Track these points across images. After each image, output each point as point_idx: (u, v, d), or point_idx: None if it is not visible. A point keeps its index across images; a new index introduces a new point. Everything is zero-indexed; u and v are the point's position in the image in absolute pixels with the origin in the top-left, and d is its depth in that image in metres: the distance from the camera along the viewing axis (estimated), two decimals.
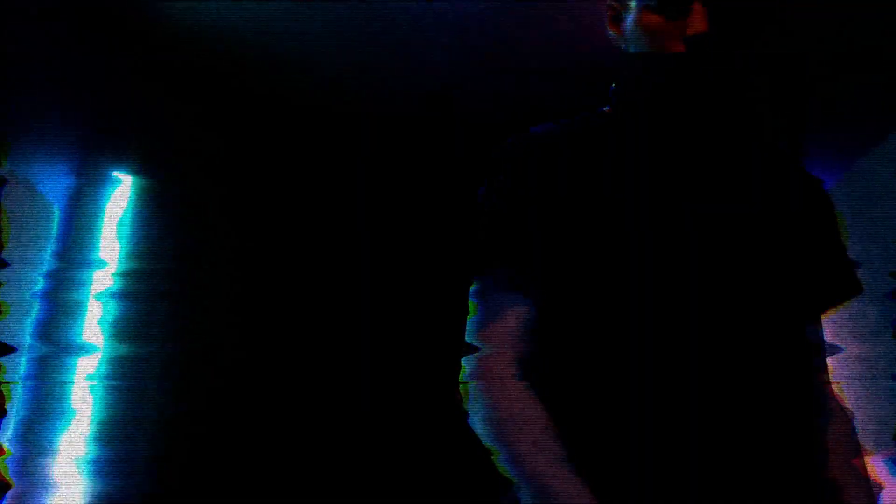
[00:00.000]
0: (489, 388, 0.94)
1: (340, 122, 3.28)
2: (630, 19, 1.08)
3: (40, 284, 2.32)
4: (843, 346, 2.73)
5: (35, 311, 2.30)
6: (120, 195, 2.69)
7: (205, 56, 2.89)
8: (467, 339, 1.00)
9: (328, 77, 3.02)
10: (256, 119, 3.26)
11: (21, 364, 2.23)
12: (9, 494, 2.10)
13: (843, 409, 1.07)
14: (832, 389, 1.09)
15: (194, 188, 3.08)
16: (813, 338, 1.07)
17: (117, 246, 2.64)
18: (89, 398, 2.45)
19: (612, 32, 1.14)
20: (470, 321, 1.01)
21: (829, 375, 1.10)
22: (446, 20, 2.63)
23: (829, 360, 1.11)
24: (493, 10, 2.58)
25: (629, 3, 1.10)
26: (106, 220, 2.64)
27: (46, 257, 2.35)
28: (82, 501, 2.35)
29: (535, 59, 2.84)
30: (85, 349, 2.46)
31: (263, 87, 3.10)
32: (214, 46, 2.84)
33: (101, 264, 2.58)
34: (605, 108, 1.13)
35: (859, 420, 2.73)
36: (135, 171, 2.72)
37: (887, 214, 2.59)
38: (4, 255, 2.06)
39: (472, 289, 1.03)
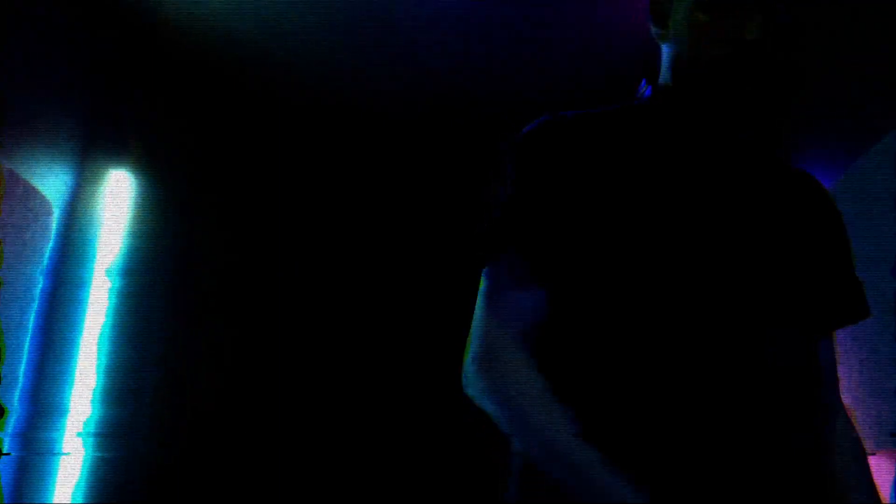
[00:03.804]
0: (498, 367, 0.93)
1: (341, 121, 3.28)
2: (678, 15, 1.03)
3: (40, 284, 2.32)
4: (842, 347, 2.72)
5: (35, 311, 2.30)
6: (119, 195, 2.69)
7: (205, 56, 2.89)
8: (476, 320, 0.98)
9: (330, 77, 3.02)
10: (257, 119, 3.26)
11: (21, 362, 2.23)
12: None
13: (851, 423, 1.08)
14: (844, 405, 1.10)
15: (194, 188, 3.08)
16: (825, 354, 1.07)
17: (117, 246, 2.64)
18: (89, 398, 2.45)
19: (655, 29, 1.09)
20: (479, 303, 0.99)
21: (840, 391, 1.11)
22: (447, 19, 2.63)
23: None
24: (494, 9, 2.58)
25: None
26: (106, 219, 2.64)
27: (46, 257, 2.36)
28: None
29: (538, 59, 2.84)
30: (84, 349, 2.47)
31: (264, 86, 3.10)
32: (215, 46, 2.84)
33: (101, 264, 2.58)
34: (635, 102, 1.10)
35: (859, 420, 2.73)
36: (134, 171, 2.72)
37: (887, 214, 2.59)
38: (4, 254, 2.06)
39: (483, 272, 1.00)
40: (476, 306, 0.99)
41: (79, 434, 2.36)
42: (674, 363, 0.89)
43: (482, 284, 1.00)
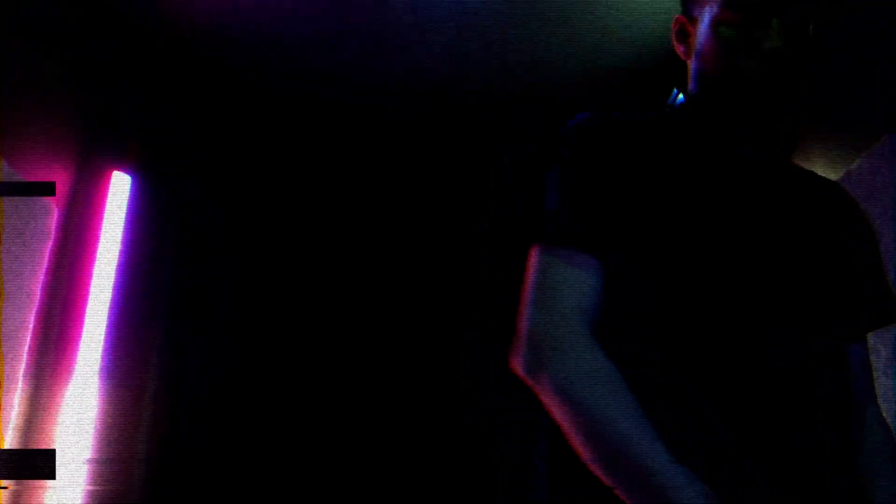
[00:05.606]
0: (562, 351, 0.92)
1: (342, 121, 3.28)
2: (701, 32, 1.07)
3: (40, 283, 2.32)
4: None
5: (35, 311, 2.30)
6: (120, 195, 2.68)
7: (205, 55, 2.89)
8: (532, 305, 0.97)
9: (331, 76, 3.02)
10: (257, 118, 3.26)
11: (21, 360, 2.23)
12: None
13: (885, 423, 1.11)
14: (878, 404, 1.13)
15: (195, 187, 3.08)
16: (858, 357, 1.10)
17: (117, 246, 2.64)
18: (90, 397, 2.45)
19: (678, 47, 1.13)
20: (537, 290, 0.97)
21: (876, 393, 1.14)
22: (447, 17, 2.63)
23: None
24: (493, 8, 2.58)
25: (700, 15, 1.08)
26: (106, 219, 2.63)
27: (46, 257, 2.36)
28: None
29: (538, 58, 2.84)
30: (84, 348, 2.46)
31: (264, 85, 3.10)
32: (215, 45, 2.84)
33: (101, 264, 2.58)
34: (668, 110, 1.14)
35: None
36: (134, 171, 2.72)
37: (887, 214, 2.59)
38: (4, 254, 2.06)
39: (539, 257, 0.99)
40: (532, 293, 0.98)
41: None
42: (724, 363, 0.92)
43: (539, 271, 0.98)
